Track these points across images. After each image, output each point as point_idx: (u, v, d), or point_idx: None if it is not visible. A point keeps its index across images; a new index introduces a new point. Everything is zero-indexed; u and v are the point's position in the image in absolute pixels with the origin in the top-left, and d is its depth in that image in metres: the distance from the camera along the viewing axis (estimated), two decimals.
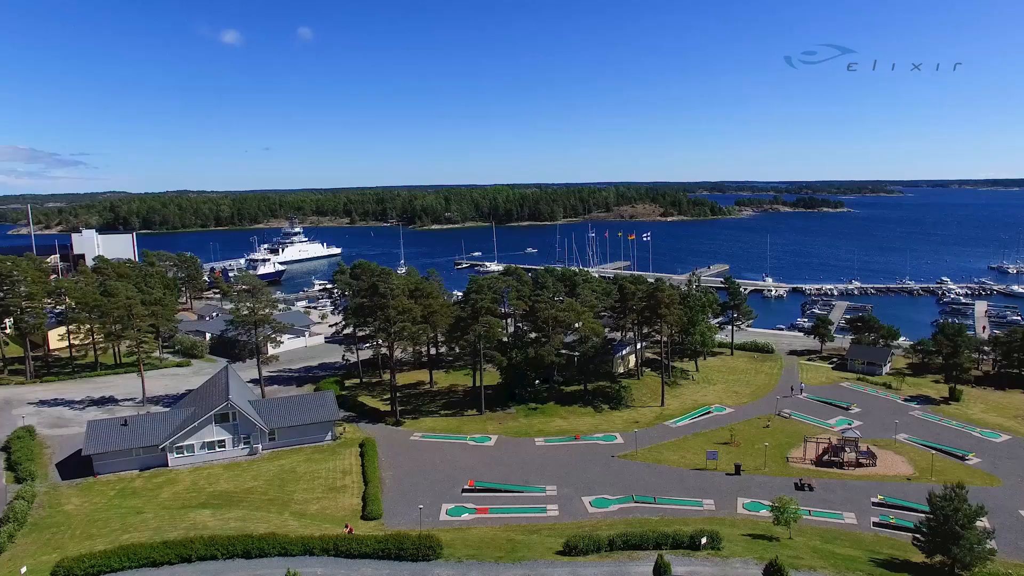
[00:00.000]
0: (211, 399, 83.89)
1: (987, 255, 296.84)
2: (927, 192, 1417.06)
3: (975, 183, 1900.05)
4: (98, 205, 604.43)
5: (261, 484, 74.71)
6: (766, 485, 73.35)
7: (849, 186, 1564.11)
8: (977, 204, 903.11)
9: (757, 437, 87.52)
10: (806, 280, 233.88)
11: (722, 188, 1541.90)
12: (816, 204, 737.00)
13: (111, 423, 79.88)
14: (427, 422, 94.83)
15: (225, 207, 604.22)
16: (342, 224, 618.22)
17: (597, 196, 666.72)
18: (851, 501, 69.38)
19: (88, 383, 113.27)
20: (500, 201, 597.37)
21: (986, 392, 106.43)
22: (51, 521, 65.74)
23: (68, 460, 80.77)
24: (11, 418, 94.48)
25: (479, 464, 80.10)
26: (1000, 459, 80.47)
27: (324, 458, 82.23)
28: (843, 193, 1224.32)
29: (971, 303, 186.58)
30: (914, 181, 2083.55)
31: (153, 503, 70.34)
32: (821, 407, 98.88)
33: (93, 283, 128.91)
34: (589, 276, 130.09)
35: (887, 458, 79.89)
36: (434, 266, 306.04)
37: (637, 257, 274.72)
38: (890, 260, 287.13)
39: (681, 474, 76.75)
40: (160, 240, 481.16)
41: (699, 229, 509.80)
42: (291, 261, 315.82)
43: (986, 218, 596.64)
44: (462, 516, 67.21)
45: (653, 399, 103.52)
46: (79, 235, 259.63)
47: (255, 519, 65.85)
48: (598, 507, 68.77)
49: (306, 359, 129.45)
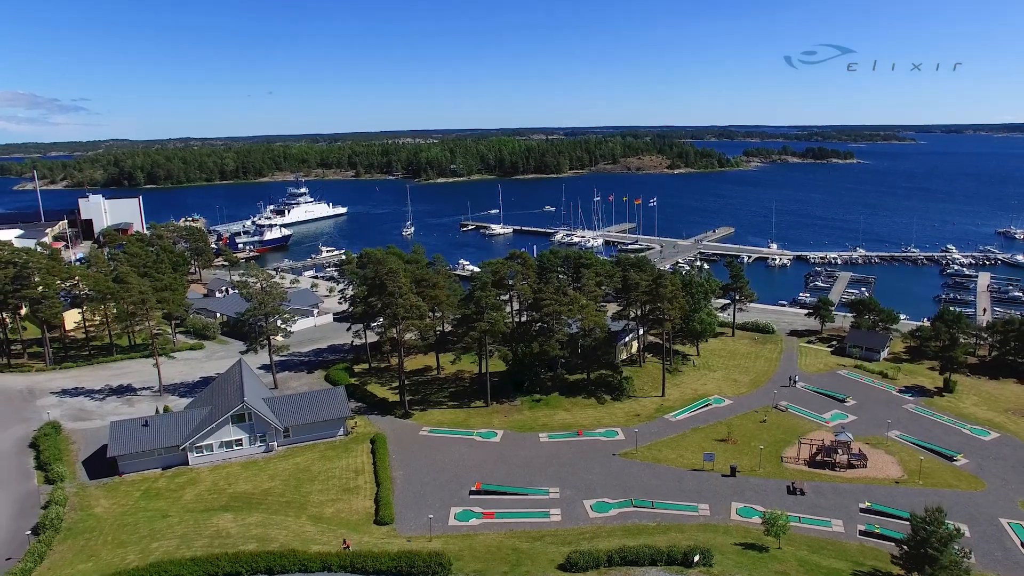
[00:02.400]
0: (227, 398, 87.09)
1: (995, 217, 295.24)
2: (940, 139, 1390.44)
3: (990, 128, 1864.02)
4: (102, 159, 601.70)
5: (278, 485, 78.55)
6: (760, 488, 76.76)
7: (861, 131, 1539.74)
8: (990, 154, 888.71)
9: (754, 433, 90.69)
10: (810, 246, 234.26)
11: (730, 134, 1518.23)
12: (825, 155, 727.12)
13: (133, 424, 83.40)
14: (435, 414, 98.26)
15: (229, 160, 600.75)
16: (347, 177, 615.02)
17: (604, 147, 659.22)
18: (840, 507, 72.74)
19: (105, 369, 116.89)
20: (506, 154, 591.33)
21: (980, 382, 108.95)
22: (84, 526, 69.83)
23: (93, 457, 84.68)
24: (36, 410, 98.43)
25: (485, 462, 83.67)
26: (987, 459, 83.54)
27: (337, 455, 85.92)
28: (854, 140, 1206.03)
29: (974, 275, 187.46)
30: (927, 126, 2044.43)
31: (177, 505, 74.37)
32: (817, 400, 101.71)
33: (106, 267, 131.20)
34: (593, 258, 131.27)
35: (878, 459, 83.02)
36: (440, 227, 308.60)
37: (643, 220, 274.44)
38: (896, 223, 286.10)
39: (679, 475, 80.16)
40: (165, 196, 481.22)
41: (705, 185, 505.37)
42: (297, 222, 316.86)
43: (997, 172, 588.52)
44: (470, 521, 71.01)
45: (654, 388, 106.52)
46: (86, 200, 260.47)
47: (274, 524, 69.86)
48: (599, 512, 72.41)
49: (315, 340, 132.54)
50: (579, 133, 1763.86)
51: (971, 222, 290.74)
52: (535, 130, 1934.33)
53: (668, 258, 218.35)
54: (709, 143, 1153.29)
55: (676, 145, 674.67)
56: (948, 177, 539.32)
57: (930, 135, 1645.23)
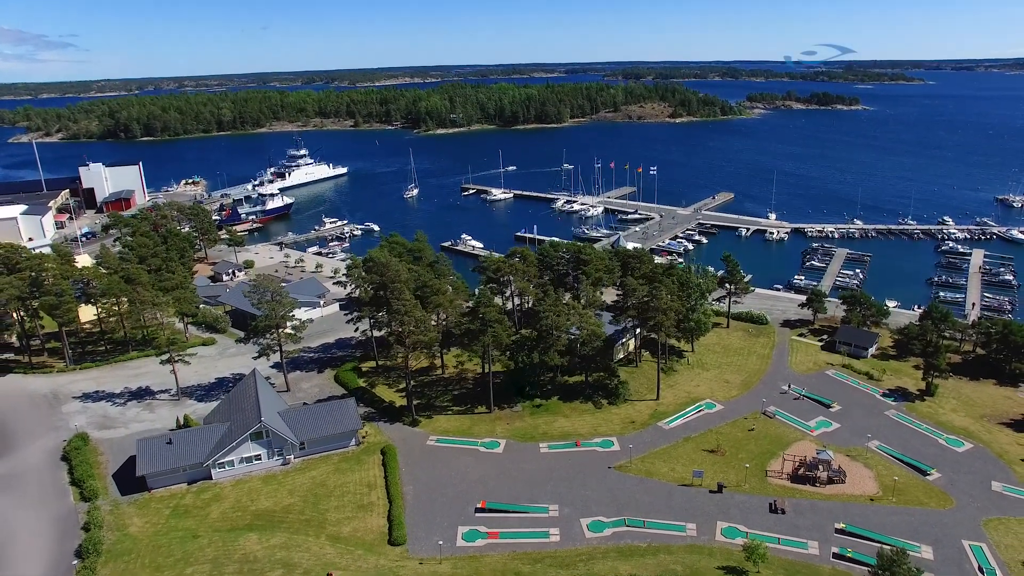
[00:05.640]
0: (244, 415, 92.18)
1: (996, 180, 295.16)
2: (949, 79, 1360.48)
3: (1002, 64, 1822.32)
4: (97, 109, 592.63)
5: (297, 501, 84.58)
6: (744, 506, 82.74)
7: (869, 67, 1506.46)
8: (1001, 98, 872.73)
9: (742, 443, 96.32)
10: (809, 216, 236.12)
11: (735, 72, 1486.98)
12: (830, 101, 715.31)
13: (158, 442, 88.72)
14: (441, 421, 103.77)
15: (227, 110, 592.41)
16: (345, 127, 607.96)
17: (605, 94, 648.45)
18: (817, 527, 78.78)
19: (123, 369, 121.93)
20: (506, 103, 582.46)
21: (960, 384, 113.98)
22: (121, 548, 76.08)
23: (123, 471, 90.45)
24: (63, 418, 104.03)
25: (489, 476, 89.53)
26: (959, 473, 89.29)
27: (351, 467, 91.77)
28: (860, 81, 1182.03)
29: (968, 253, 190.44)
30: (937, 62, 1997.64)
31: (205, 524, 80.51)
32: (804, 406, 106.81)
33: (116, 263, 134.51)
34: (593, 253, 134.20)
35: (856, 473, 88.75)
36: (441, 189, 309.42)
37: (643, 185, 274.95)
38: (895, 188, 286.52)
39: (669, 491, 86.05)
40: (163, 151, 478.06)
41: (707, 136, 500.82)
42: (298, 185, 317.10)
43: (1004, 122, 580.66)
44: (476, 541, 77.26)
45: (650, 390, 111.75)
46: (87, 169, 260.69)
47: (296, 546, 76.25)
48: (594, 531, 78.59)
49: (322, 333, 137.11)
50: (579, 70, 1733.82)
51: (971, 187, 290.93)
52: (535, 66, 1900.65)
53: (667, 231, 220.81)
54: (713, 84, 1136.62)
55: (678, 91, 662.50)
56: (952, 127, 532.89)
57: (940, 72, 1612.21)
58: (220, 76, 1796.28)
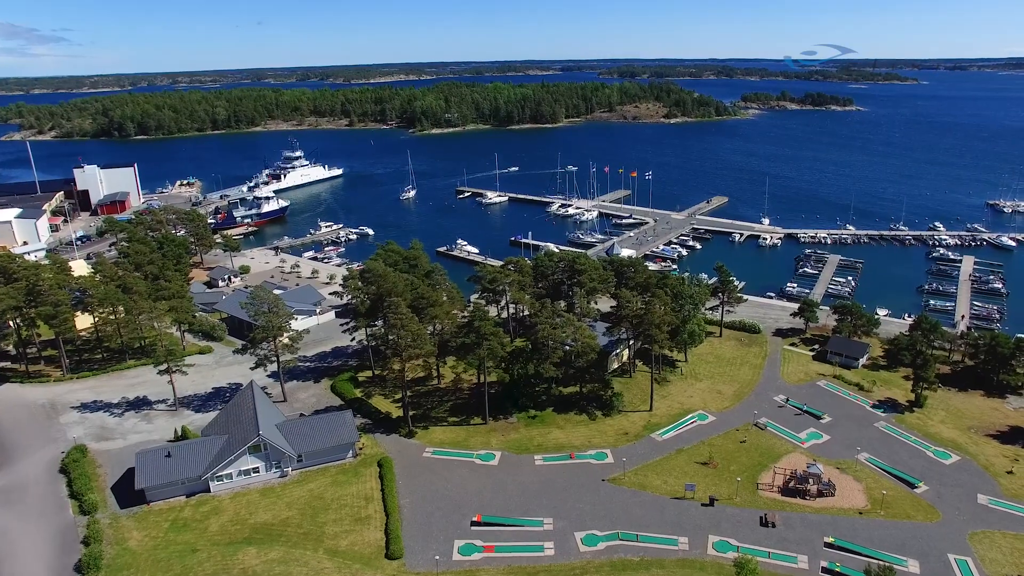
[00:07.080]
0: (242, 428, 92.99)
1: (986, 185, 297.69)
2: (943, 79, 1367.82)
3: (995, 64, 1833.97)
4: (90, 107, 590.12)
5: (295, 515, 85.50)
6: (735, 519, 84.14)
7: (864, 65, 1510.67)
8: (994, 98, 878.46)
9: (734, 455, 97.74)
10: (802, 222, 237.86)
11: (730, 71, 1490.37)
12: (824, 101, 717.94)
13: (157, 455, 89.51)
14: (437, 433, 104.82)
15: (221, 109, 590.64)
16: (340, 126, 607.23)
17: (600, 94, 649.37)
18: (807, 541, 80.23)
19: (120, 378, 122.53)
20: (501, 102, 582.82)
21: (949, 395, 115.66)
22: (121, 562, 76.93)
23: (121, 483, 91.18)
24: (60, 429, 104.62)
25: (485, 489, 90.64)
26: (946, 486, 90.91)
27: (348, 480, 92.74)
28: (855, 80, 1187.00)
29: (958, 260, 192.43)
30: (931, 61, 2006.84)
31: (204, 538, 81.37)
32: (795, 417, 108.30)
33: (112, 272, 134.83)
34: (588, 263, 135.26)
35: (846, 486, 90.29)
36: (437, 192, 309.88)
37: (637, 188, 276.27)
38: (887, 192, 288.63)
39: (662, 504, 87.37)
40: (158, 149, 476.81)
41: (702, 137, 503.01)
42: (293, 187, 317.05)
43: (996, 124, 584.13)
44: (472, 555, 78.42)
45: (643, 401, 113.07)
46: (81, 171, 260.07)
47: (295, 560, 77.24)
48: (588, 545, 79.85)
49: (319, 342, 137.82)
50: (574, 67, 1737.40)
51: (962, 191, 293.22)
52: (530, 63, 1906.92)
53: (661, 236, 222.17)
54: (708, 82, 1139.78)
55: (673, 91, 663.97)
56: (944, 130, 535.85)
57: (933, 72, 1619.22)
58: (214, 72, 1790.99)
